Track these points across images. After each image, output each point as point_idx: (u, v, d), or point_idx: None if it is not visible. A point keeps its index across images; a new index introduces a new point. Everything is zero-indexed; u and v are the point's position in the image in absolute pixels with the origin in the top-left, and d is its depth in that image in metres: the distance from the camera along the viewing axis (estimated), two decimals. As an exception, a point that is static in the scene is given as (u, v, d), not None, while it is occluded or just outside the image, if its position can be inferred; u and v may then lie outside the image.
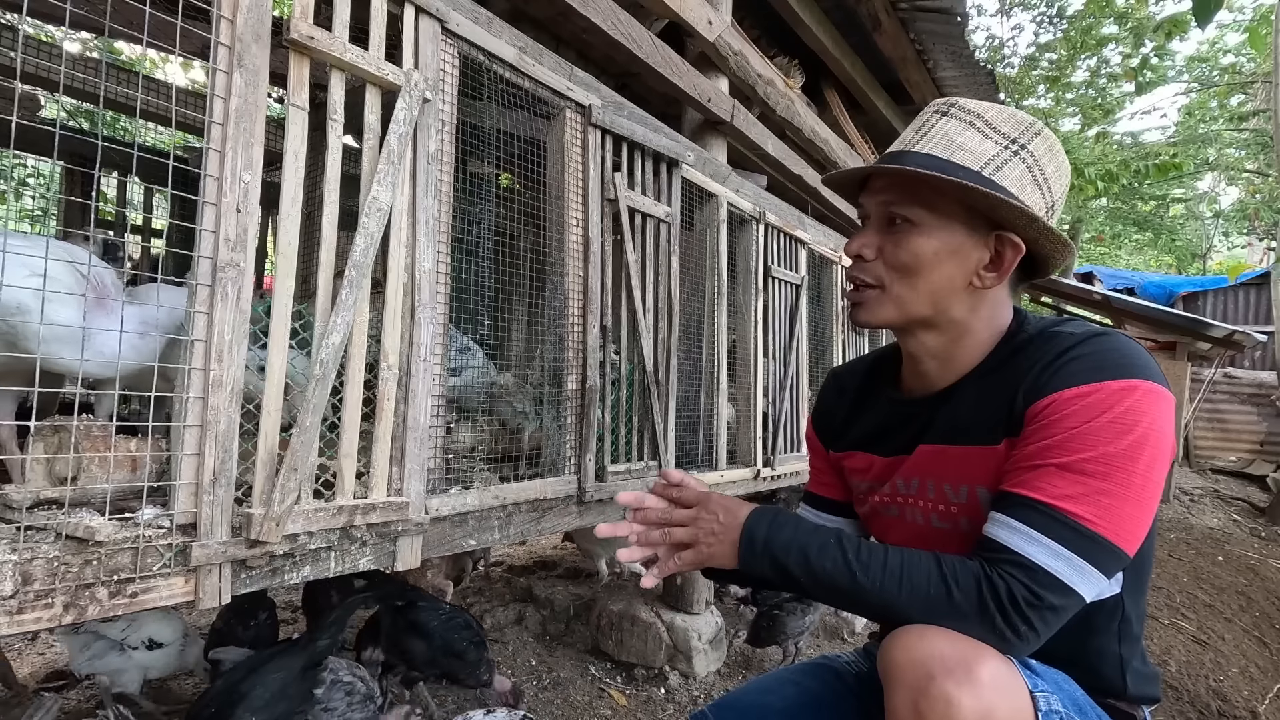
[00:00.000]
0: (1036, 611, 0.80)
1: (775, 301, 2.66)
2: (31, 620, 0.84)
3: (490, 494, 1.41)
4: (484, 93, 1.45)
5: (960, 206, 0.93)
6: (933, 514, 1.00)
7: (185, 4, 0.99)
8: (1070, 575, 0.80)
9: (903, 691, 0.79)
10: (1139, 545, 0.83)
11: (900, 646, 0.81)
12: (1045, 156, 0.93)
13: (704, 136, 2.55)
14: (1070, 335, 0.90)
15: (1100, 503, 0.80)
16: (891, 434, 1.08)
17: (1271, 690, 2.54)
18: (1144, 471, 0.81)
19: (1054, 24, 10.08)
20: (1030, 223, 0.90)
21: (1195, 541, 4.28)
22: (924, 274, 0.94)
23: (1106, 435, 0.81)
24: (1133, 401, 0.82)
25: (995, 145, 0.92)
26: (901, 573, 0.86)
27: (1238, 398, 7.44)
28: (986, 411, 0.93)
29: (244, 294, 1.00)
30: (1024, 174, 0.92)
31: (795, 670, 1.20)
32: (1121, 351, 0.86)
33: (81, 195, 2.49)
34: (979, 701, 0.74)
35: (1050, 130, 0.95)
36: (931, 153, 0.93)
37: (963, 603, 0.82)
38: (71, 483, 1.01)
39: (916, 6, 3.10)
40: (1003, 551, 0.83)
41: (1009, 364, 0.93)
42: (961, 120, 0.94)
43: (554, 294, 1.65)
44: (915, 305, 0.96)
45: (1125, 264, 17.50)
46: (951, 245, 0.93)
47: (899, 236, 0.95)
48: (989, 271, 0.94)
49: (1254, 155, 11.58)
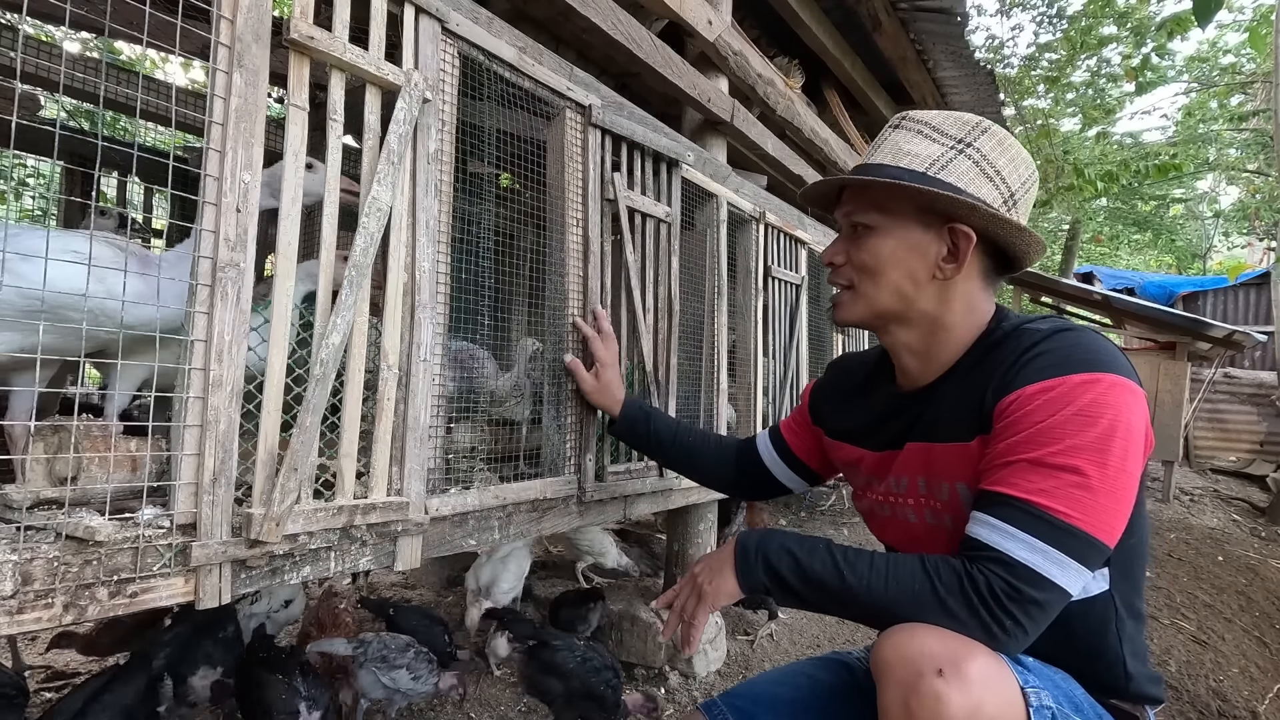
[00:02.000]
0: (1018, 605, 0.81)
1: (775, 301, 2.66)
2: (31, 620, 0.84)
3: (490, 494, 1.41)
4: (484, 93, 1.45)
5: (911, 206, 0.99)
6: (925, 510, 1.02)
7: (185, 4, 0.99)
8: (1049, 568, 0.81)
9: (893, 689, 0.80)
10: (1118, 536, 0.85)
11: (891, 645, 0.82)
12: (994, 151, 0.98)
13: (704, 136, 2.55)
14: (1036, 332, 0.93)
15: (1073, 495, 0.82)
16: (881, 428, 1.13)
17: (1271, 690, 2.54)
18: (1116, 463, 0.82)
19: (1054, 24, 10.07)
20: (972, 211, 0.94)
21: (1195, 541, 4.28)
22: (885, 271, 1.01)
23: (1072, 428, 0.83)
24: (1096, 394, 0.83)
25: (940, 147, 0.98)
26: (888, 572, 0.88)
27: (1238, 398, 7.44)
28: (962, 409, 0.96)
29: (244, 294, 1.00)
30: (970, 169, 0.97)
31: (808, 663, 1.22)
32: (1085, 346, 0.88)
33: (81, 195, 2.49)
34: (968, 698, 0.75)
35: (1001, 128, 1.00)
36: (882, 162, 1.01)
37: (947, 598, 0.83)
38: (71, 483, 1.01)
39: (916, 6, 3.10)
40: (983, 549, 0.84)
41: (984, 362, 0.97)
42: (909, 129, 1.01)
43: (554, 294, 1.65)
44: (881, 300, 1.03)
45: (1125, 264, 17.51)
46: (908, 242, 0.99)
47: (860, 240, 1.03)
48: (948, 263, 0.99)
49: (1254, 155, 11.58)
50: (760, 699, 1.13)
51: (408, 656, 1.74)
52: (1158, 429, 5.64)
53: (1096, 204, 12.51)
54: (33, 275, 0.96)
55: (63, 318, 1.03)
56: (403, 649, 1.76)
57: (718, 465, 1.46)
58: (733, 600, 1.01)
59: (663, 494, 1.96)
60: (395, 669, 1.72)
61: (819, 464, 1.34)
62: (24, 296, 0.98)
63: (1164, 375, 5.66)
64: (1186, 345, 5.65)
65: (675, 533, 2.48)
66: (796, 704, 1.12)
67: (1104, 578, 0.93)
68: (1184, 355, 5.66)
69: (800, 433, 1.36)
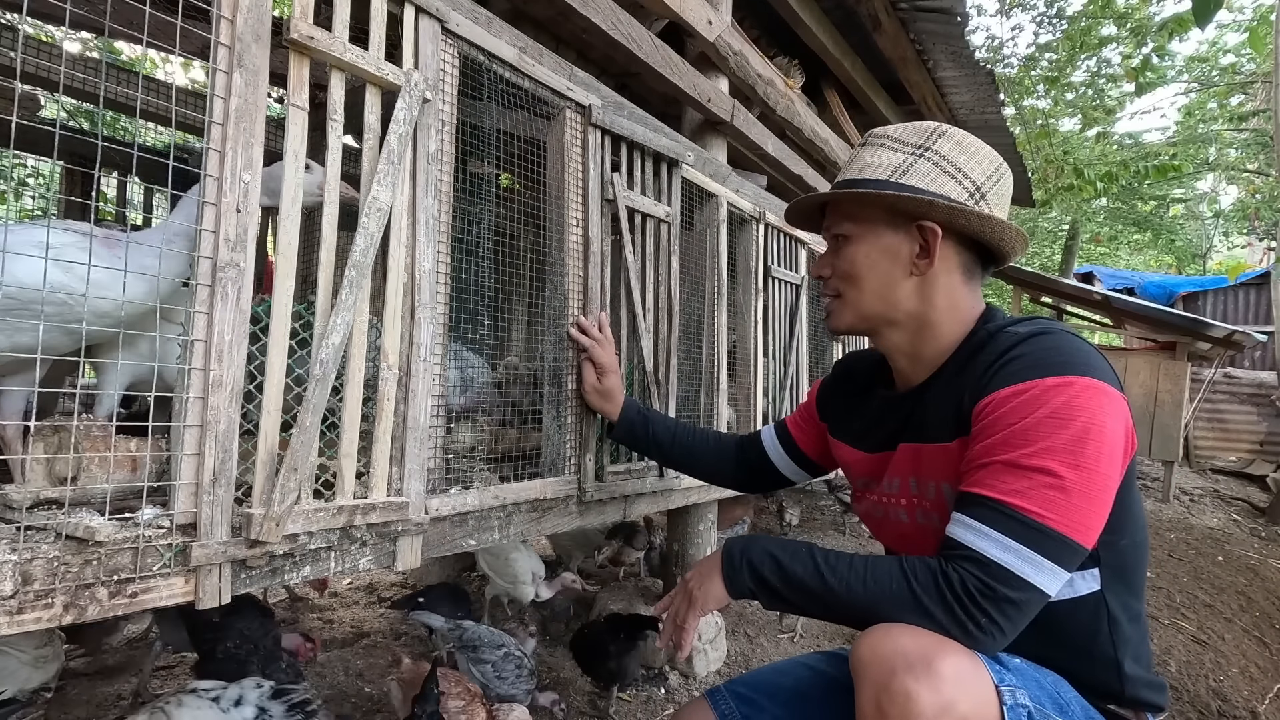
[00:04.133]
0: (992, 604, 0.82)
1: (775, 301, 2.66)
2: (32, 620, 0.84)
3: (490, 494, 1.41)
4: (484, 93, 1.45)
5: (880, 211, 1.05)
6: (916, 510, 1.04)
7: (185, 4, 0.99)
8: (1022, 568, 0.82)
9: (867, 688, 0.81)
10: (1094, 537, 0.85)
11: (867, 644, 0.84)
12: (953, 151, 1.03)
13: (704, 136, 2.56)
14: (1015, 335, 0.95)
15: (1047, 496, 0.82)
16: (877, 430, 1.15)
17: (1271, 690, 2.54)
18: (1089, 464, 0.83)
19: (1054, 24, 10.07)
20: (931, 207, 0.99)
21: (1195, 541, 4.28)
22: (864, 275, 1.06)
23: (1045, 430, 0.84)
24: (1069, 397, 0.85)
25: (900, 155, 1.04)
26: (866, 573, 0.90)
27: (1238, 398, 7.44)
28: (945, 410, 0.98)
29: (244, 294, 0.99)
30: (931, 169, 1.02)
31: (810, 656, 1.25)
32: (1060, 350, 0.90)
33: (81, 195, 2.49)
34: (938, 695, 0.76)
35: (960, 130, 1.06)
36: (851, 177, 1.07)
37: (923, 597, 0.85)
38: (71, 483, 1.01)
39: (916, 6, 3.10)
40: (959, 548, 0.86)
41: (968, 363, 0.99)
42: (874, 144, 1.08)
43: (554, 294, 1.65)
44: (865, 304, 1.08)
45: (1125, 264, 17.50)
46: (881, 246, 1.05)
47: (840, 251, 1.09)
48: (921, 259, 1.03)
49: (1254, 155, 11.57)
50: (762, 687, 1.16)
51: (496, 655, 1.76)
52: (1158, 429, 5.65)
53: (1096, 204, 12.50)
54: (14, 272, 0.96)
55: (46, 313, 1.02)
56: (494, 646, 1.77)
57: (718, 461, 1.50)
58: (722, 605, 1.05)
59: (663, 494, 1.96)
60: (482, 663, 1.74)
61: (823, 457, 1.38)
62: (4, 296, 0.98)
63: (1164, 375, 5.66)
64: (1186, 345, 5.65)
65: (675, 533, 2.48)
66: (797, 693, 1.14)
67: (1095, 579, 0.93)
68: (1184, 355, 5.66)
69: (806, 428, 1.40)
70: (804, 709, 1.12)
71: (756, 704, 1.13)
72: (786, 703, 1.12)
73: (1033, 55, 10.40)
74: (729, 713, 1.13)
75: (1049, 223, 13.89)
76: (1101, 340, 11.20)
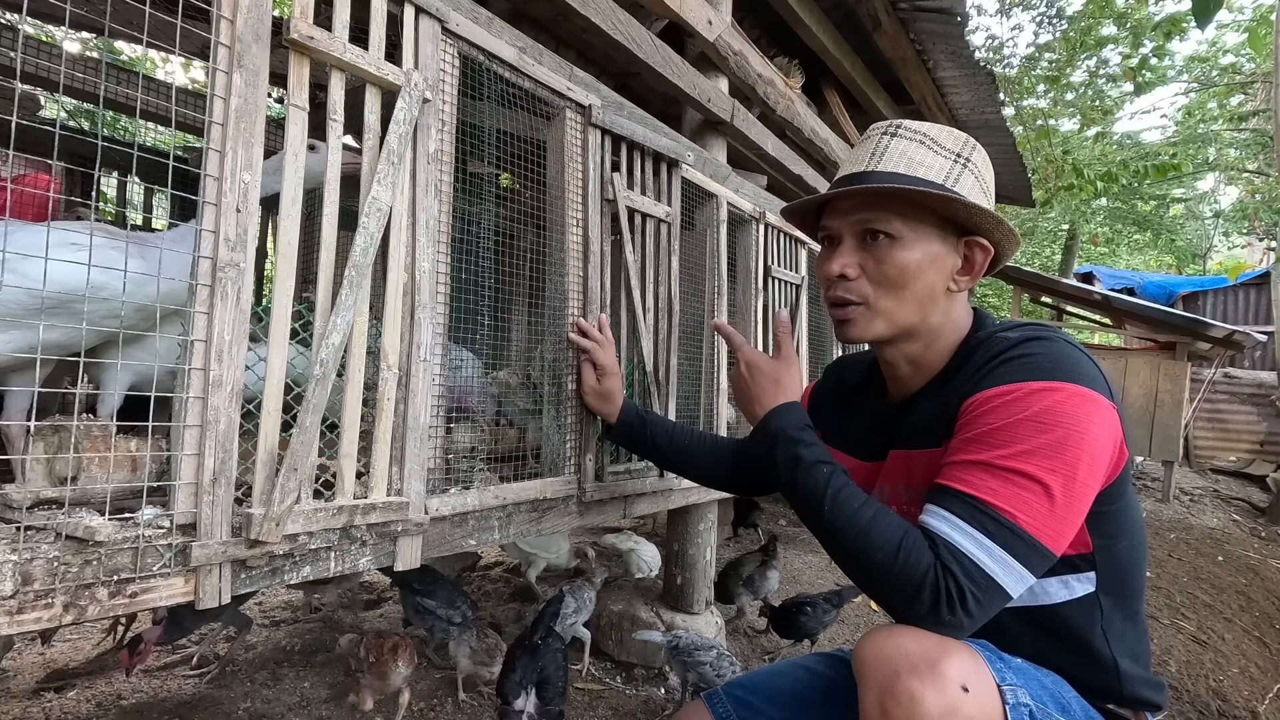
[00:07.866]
0: (959, 597, 0.81)
1: (775, 301, 2.65)
2: (31, 620, 0.84)
3: (490, 494, 1.41)
4: (484, 93, 1.45)
5: (934, 217, 0.98)
6: (905, 517, 1.03)
7: (185, 4, 0.99)
8: (992, 566, 0.81)
9: (871, 689, 0.81)
10: (1064, 544, 0.84)
11: (870, 646, 0.83)
12: (983, 167, 1.01)
13: (704, 136, 2.55)
14: (1005, 339, 0.94)
15: (1022, 498, 0.82)
16: (870, 439, 1.14)
17: (1271, 690, 2.54)
18: (1066, 471, 0.81)
19: (1054, 24, 10.08)
20: (998, 225, 0.96)
21: (1195, 541, 4.28)
22: (910, 285, 0.98)
23: (1025, 432, 0.83)
24: (1052, 403, 0.83)
25: (947, 160, 0.98)
26: (866, 526, 0.87)
27: (1238, 398, 7.44)
28: (936, 415, 0.97)
29: (244, 294, 0.99)
30: (974, 183, 0.99)
31: (809, 658, 1.23)
32: (1050, 356, 0.88)
33: (81, 195, 2.49)
34: (943, 696, 0.75)
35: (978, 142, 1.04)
36: (896, 170, 0.98)
37: (901, 576, 0.83)
38: (71, 483, 1.01)
39: (916, 6, 3.10)
40: (936, 539, 0.84)
41: (961, 369, 0.98)
42: (913, 140, 0.99)
43: (554, 294, 1.65)
44: (903, 316, 1.00)
45: (1125, 264, 17.50)
46: (931, 254, 0.98)
47: (881, 251, 0.98)
48: (962, 275, 1.00)
49: (1254, 155, 11.57)
50: (759, 689, 1.15)
51: (710, 655, 1.89)
52: (1158, 429, 5.65)
53: (1096, 204, 12.50)
54: (34, 272, 0.97)
55: (72, 312, 1.03)
56: (706, 649, 1.91)
57: (714, 464, 1.49)
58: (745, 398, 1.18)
59: (663, 494, 1.96)
60: (700, 665, 1.88)
61: None
62: (30, 295, 0.99)
63: (1164, 375, 5.67)
64: (1186, 345, 5.66)
65: (675, 533, 2.48)
66: (794, 695, 1.13)
67: (1090, 580, 0.93)
68: (1184, 355, 5.66)
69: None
70: (802, 711, 1.11)
71: (754, 707, 1.12)
72: (784, 705, 1.12)
73: (1033, 55, 10.40)
74: (726, 715, 1.12)
75: (1049, 222, 13.88)
76: (1101, 340, 11.19)
